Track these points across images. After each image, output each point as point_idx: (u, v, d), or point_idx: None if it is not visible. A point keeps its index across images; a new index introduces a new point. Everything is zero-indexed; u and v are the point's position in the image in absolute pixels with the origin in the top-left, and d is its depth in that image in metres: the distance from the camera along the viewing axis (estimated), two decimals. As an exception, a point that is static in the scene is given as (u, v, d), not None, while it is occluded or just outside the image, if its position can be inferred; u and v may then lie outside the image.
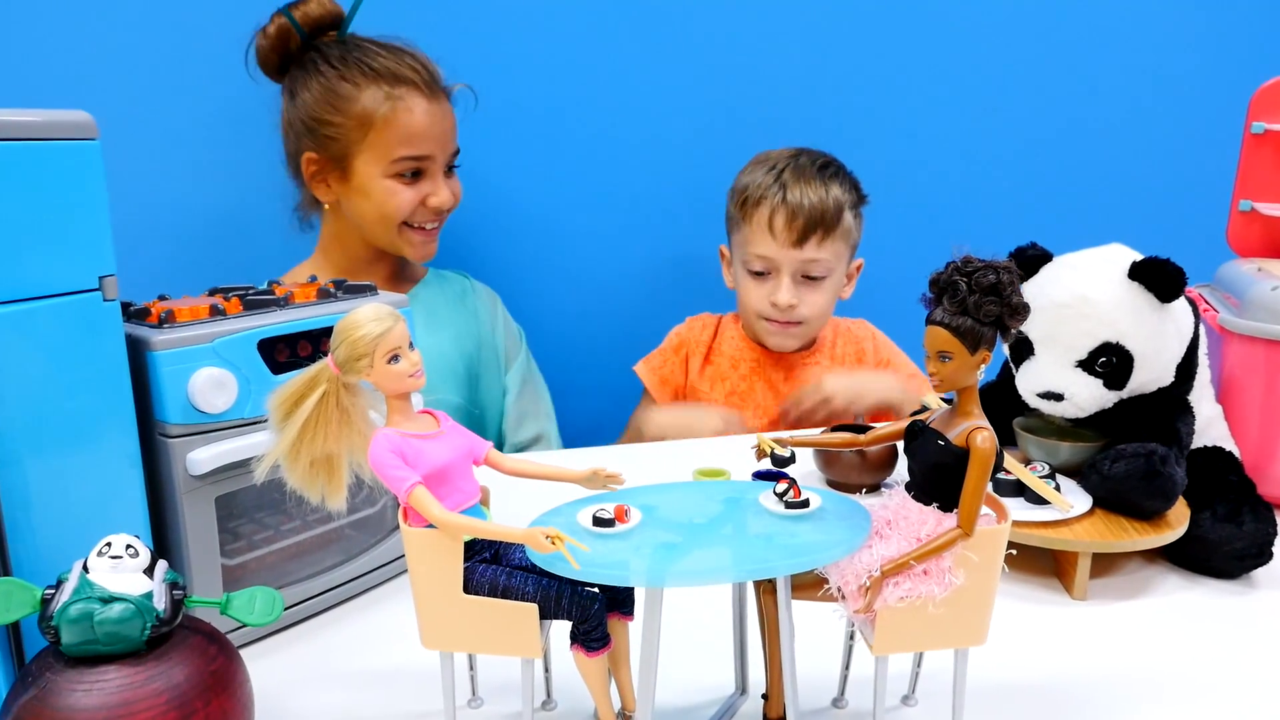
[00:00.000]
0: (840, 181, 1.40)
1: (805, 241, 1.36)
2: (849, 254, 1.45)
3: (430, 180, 1.34)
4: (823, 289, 1.41)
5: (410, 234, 1.36)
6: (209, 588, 0.71)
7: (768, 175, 1.40)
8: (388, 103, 1.28)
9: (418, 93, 1.30)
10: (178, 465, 0.68)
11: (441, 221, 1.39)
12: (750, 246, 1.40)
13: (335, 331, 0.57)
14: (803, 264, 1.38)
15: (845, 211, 1.39)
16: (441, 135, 1.33)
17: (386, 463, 0.55)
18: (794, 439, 0.63)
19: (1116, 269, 0.86)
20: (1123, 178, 1.73)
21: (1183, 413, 0.88)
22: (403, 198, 1.32)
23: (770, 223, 1.37)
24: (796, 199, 1.36)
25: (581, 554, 0.52)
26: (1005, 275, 0.55)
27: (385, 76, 1.28)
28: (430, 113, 1.31)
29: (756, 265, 1.40)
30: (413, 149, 1.30)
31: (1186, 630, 0.77)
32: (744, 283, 1.44)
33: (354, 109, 1.28)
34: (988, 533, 0.56)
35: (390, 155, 1.30)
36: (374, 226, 1.35)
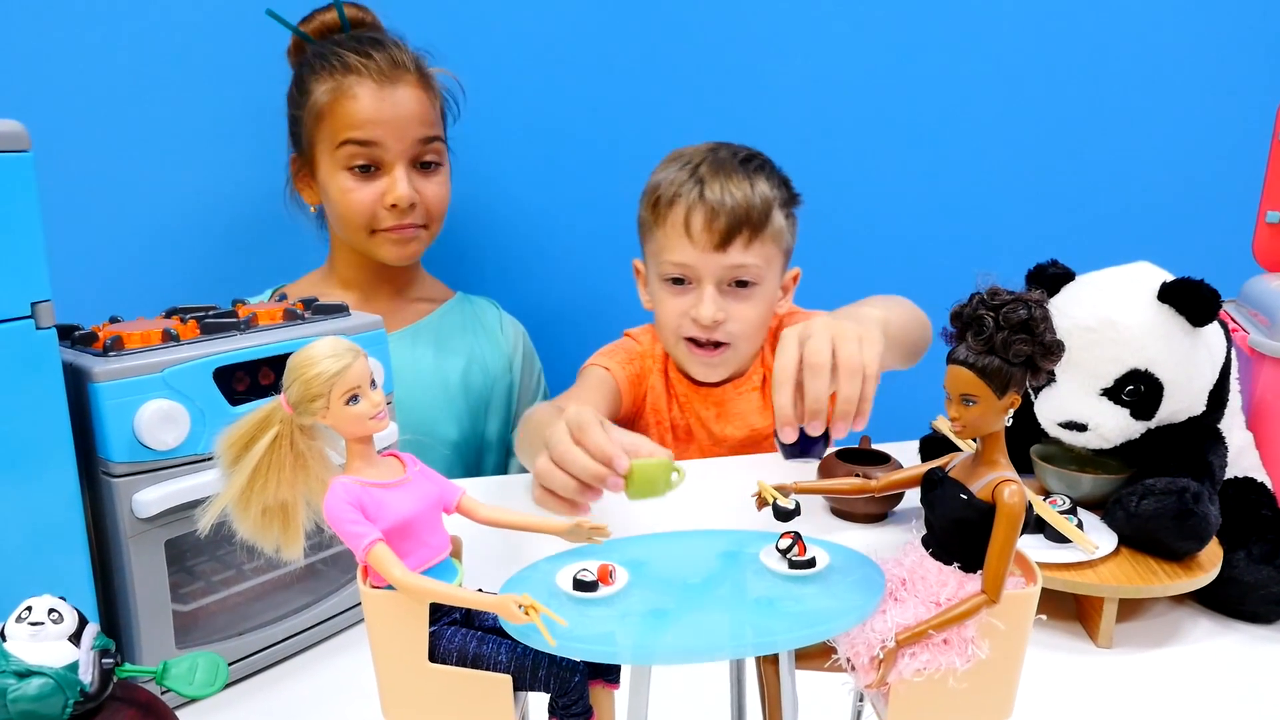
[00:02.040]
0: (767, 176, 1.21)
1: (729, 244, 1.17)
2: (782, 260, 1.25)
3: (388, 176, 1.26)
4: (753, 301, 1.21)
5: (380, 236, 1.28)
6: (158, 640, 0.65)
7: (682, 171, 1.20)
8: (332, 91, 1.23)
9: (366, 80, 1.23)
10: (122, 507, 0.62)
11: (418, 222, 1.29)
12: (665, 254, 1.20)
13: (288, 368, 0.51)
14: (727, 270, 1.18)
15: (774, 210, 1.20)
16: (394, 122, 1.24)
17: (342, 517, 0.49)
18: (798, 485, 0.57)
19: (1145, 290, 0.80)
20: (1145, 189, 1.66)
21: (1215, 444, 0.83)
22: (357, 196, 1.25)
23: (687, 224, 1.18)
24: (716, 196, 1.17)
25: (559, 628, 0.46)
26: (1038, 310, 0.49)
27: (338, 68, 1.24)
28: (379, 99, 1.23)
29: (673, 273, 1.21)
30: (356, 133, 1.23)
31: (1220, 680, 0.72)
32: (661, 297, 1.24)
33: (308, 102, 1.25)
34: (1016, 597, 0.50)
35: (335, 141, 1.24)
36: (344, 231, 1.30)
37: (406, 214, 1.27)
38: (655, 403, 1.29)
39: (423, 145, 1.27)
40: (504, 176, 1.48)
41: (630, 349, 1.31)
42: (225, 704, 0.69)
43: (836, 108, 1.58)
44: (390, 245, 1.29)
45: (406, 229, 1.28)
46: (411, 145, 1.26)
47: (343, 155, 1.24)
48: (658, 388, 1.30)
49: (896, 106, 1.58)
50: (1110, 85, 1.63)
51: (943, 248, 1.60)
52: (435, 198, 1.30)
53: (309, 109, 1.25)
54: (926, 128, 1.60)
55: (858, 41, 1.57)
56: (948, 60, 1.58)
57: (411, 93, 1.26)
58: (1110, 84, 1.63)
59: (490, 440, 1.42)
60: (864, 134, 1.59)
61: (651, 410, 1.30)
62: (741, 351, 1.24)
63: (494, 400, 1.41)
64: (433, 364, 1.36)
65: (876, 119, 1.59)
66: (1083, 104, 1.63)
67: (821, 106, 1.57)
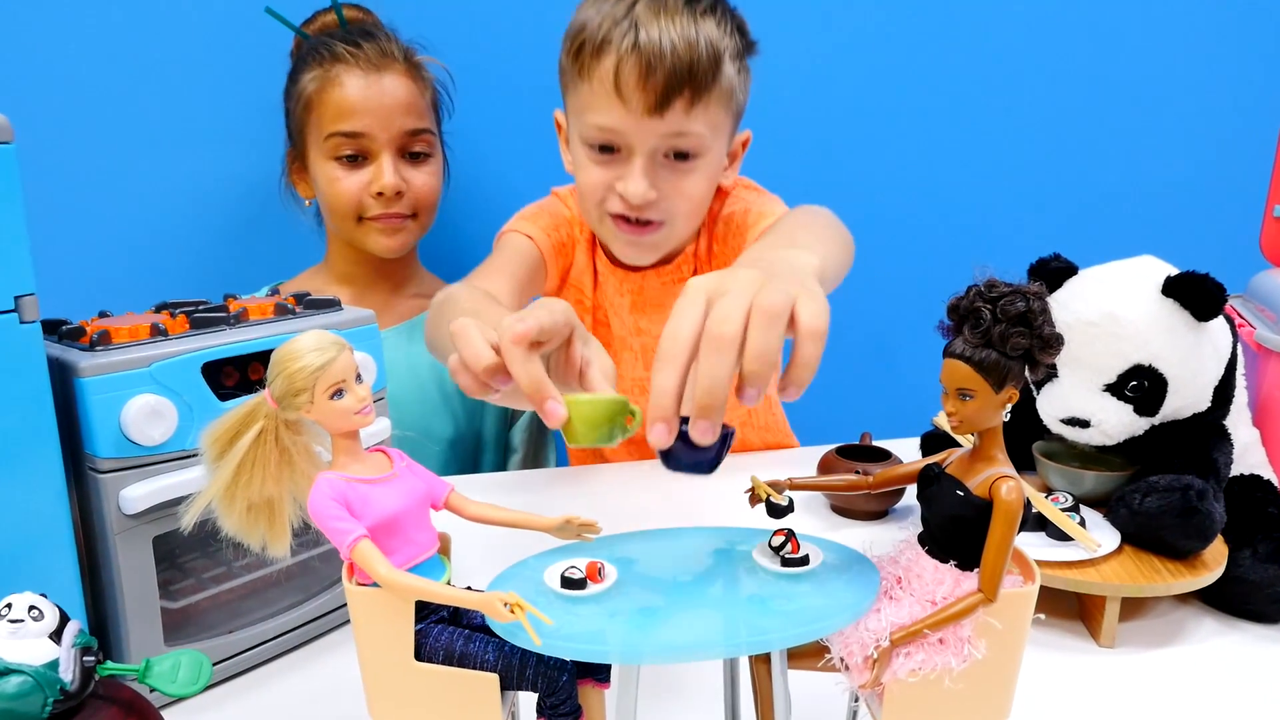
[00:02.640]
0: (717, 19, 0.98)
1: (667, 106, 0.96)
2: (731, 124, 1.05)
3: (374, 164, 1.24)
4: (693, 175, 1.01)
5: (367, 225, 1.28)
6: (146, 637, 0.64)
7: (615, 7, 0.97)
8: (318, 81, 1.23)
9: (353, 69, 1.22)
10: (109, 503, 0.62)
11: (405, 212, 1.27)
12: (589, 114, 0.99)
13: (272, 362, 0.50)
14: (664, 139, 0.98)
15: (725, 62, 0.98)
16: (381, 111, 1.23)
17: (327, 513, 0.49)
18: (793, 481, 0.56)
19: (1149, 284, 0.79)
20: (1151, 182, 1.65)
21: (1220, 440, 0.81)
22: (344, 184, 1.24)
23: (617, 80, 0.96)
24: (654, 41, 0.94)
25: (545, 627, 0.45)
26: (1036, 303, 0.48)
27: (326, 58, 1.24)
28: (365, 88, 1.22)
29: (598, 139, 1.00)
30: (342, 124, 1.22)
31: (1225, 680, 0.70)
32: (582, 163, 1.03)
33: (297, 92, 1.25)
34: (1013, 596, 0.49)
35: (323, 133, 1.23)
36: (334, 220, 1.29)
37: (393, 203, 1.26)
38: (579, 279, 1.15)
39: (410, 136, 1.26)
40: (503, 171, 1.47)
41: (556, 213, 1.15)
42: (214, 702, 0.68)
43: (837, 99, 1.56)
44: (378, 234, 1.28)
45: (394, 218, 1.27)
46: (398, 135, 1.25)
47: (330, 146, 1.23)
48: (581, 262, 1.15)
49: (899, 97, 1.57)
50: (1118, 78, 1.61)
51: (945, 241, 1.58)
52: (424, 188, 1.29)
53: (298, 99, 1.25)
54: (930, 119, 1.58)
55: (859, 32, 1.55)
56: (952, 50, 1.56)
57: (399, 81, 1.25)
58: (1118, 77, 1.61)
59: (487, 438, 1.40)
60: (865, 126, 1.57)
61: (574, 288, 1.16)
62: (677, 231, 1.06)
63: None
64: (428, 360, 1.35)
65: (878, 110, 1.57)
66: (1090, 97, 1.61)
67: (822, 98, 1.56)
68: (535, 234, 1.10)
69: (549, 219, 1.13)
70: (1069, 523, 0.77)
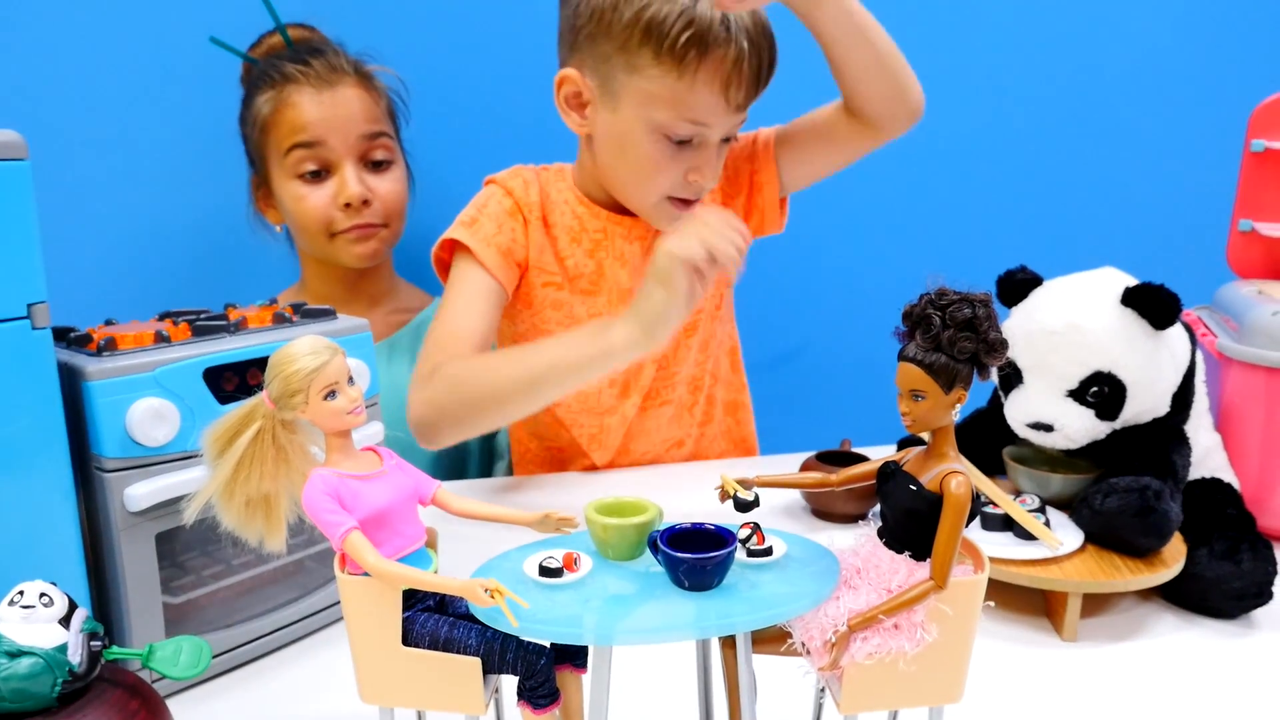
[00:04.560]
0: None
1: (754, 99, 0.99)
2: None
3: (337, 176, 1.25)
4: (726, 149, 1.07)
5: (339, 239, 1.28)
6: (148, 630, 0.67)
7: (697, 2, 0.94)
8: (271, 103, 1.24)
9: (305, 86, 1.24)
10: (114, 501, 0.65)
11: (375, 221, 1.28)
12: (682, 108, 0.97)
13: (269, 365, 0.54)
14: (736, 124, 1.02)
15: None
16: (336, 121, 1.24)
17: (320, 506, 0.52)
18: (760, 479, 0.59)
19: (1109, 295, 0.82)
20: (1118, 195, 1.69)
21: (1178, 444, 0.85)
22: (310, 201, 1.25)
23: (727, 82, 0.96)
24: (751, 36, 0.96)
25: (522, 610, 0.48)
26: (981, 309, 0.51)
27: (277, 80, 1.25)
28: (320, 103, 1.24)
29: (685, 133, 0.99)
30: (300, 136, 1.23)
31: (1182, 674, 0.73)
32: (649, 151, 1.01)
33: (251, 117, 1.27)
34: (963, 584, 0.52)
35: (282, 150, 1.24)
36: (305, 239, 1.30)
37: (361, 212, 1.26)
38: (538, 261, 1.12)
39: (369, 141, 1.26)
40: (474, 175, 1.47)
41: (496, 210, 1.11)
42: (214, 694, 0.71)
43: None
44: (350, 246, 1.28)
45: (365, 228, 1.27)
46: (357, 142, 1.25)
47: (291, 162, 1.24)
48: (538, 239, 1.12)
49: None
50: (1086, 93, 1.65)
51: (925, 252, 1.62)
52: (390, 194, 1.29)
53: (253, 123, 1.26)
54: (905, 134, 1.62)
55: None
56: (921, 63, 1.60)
57: (352, 92, 1.26)
58: (1086, 92, 1.65)
59: (471, 448, 1.41)
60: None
61: (536, 270, 1.13)
62: None
63: None
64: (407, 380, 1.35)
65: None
66: (1059, 111, 1.65)
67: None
68: (484, 255, 1.08)
69: (490, 224, 1.10)
70: (1033, 522, 0.80)
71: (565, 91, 1.06)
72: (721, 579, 0.52)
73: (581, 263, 1.13)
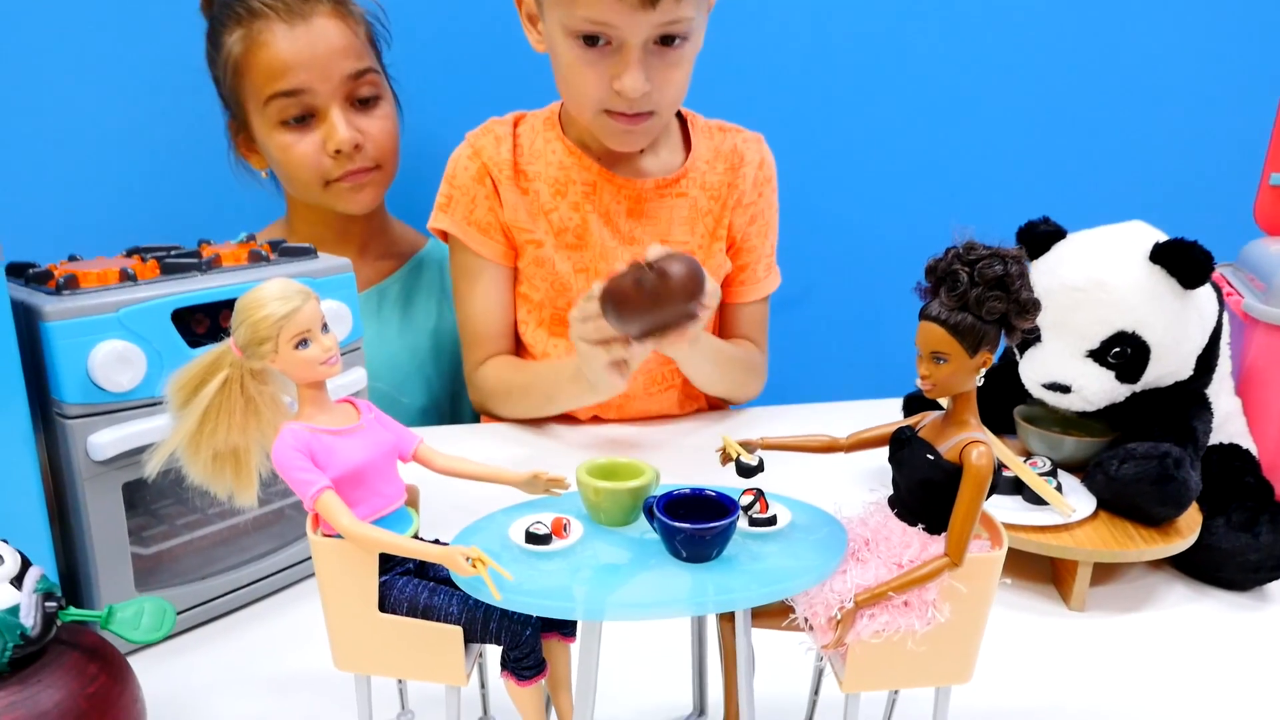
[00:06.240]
0: None
1: None
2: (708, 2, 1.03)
3: (325, 122, 1.15)
4: (682, 64, 1.01)
5: (334, 188, 1.20)
6: (117, 584, 0.64)
7: None
8: (242, 42, 1.14)
9: (275, 22, 1.12)
10: (77, 449, 0.61)
11: (368, 165, 1.19)
12: (578, 6, 0.95)
13: (235, 310, 0.49)
14: (656, 28, 0.96)
15: None
16: (316, 62, 1.13)
17: (291, 463, 0.48)
18: (764, 441, 0.55)
19: (1137, 250, 0.78)
20: (1144, 146, 1.62)
21: (1200, 409, 0.81)
22: (298, 151, 1.16)
23: None
24: None
25: (507, 581, 0.45)
26: (1014, 266, 0.47)
27: (244, 15, 1.14)
28: (294, 40, 1.12)
29: (586, 30, 0.96)
30: (279, 84, 1.12)
31: (1193, 646, 0.71)
32: (568, 60, 1.00)
33: (222, 59, 1.16)
34: (980, 561, 0.49)
35: (261, 98, 1.14)
36: (297, 190, 1.22)
37: (354, 158, 1.17)
38: (513, 219, 1.12)
39: (354, 81, 1.16)
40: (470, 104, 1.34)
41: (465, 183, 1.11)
42: (187, 649, 0.68)
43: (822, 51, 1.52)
44: (347, 195, 1.20)
45: (359, 174, 1.19)
46: (342, 83, 1.15)
47: (273, 111, 1.14)
48: (511, 199, 1.11)
49: (887, 52, 1.54)
50: (1116, 41, 1.58)
51: (933, 199, 1.56)
52: (381, 133, 1.20)
53: (225, 65, 1.16)
54: (918, 74, 1.55)
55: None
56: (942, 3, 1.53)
57: (328, 24, 1.14)
58: (1116, 40, 1.58)
59: (464, 400, 1.34)
60: (852, 79, 1.54)
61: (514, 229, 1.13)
62: (664, 119, 1.07)
63: None
64: (398, 330, 1.29)
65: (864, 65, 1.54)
66: (1087, 58, 1.58)
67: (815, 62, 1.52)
68: (470, 240, 1.12)
69: (464, 199, 1.11)
70: (1045, 487, 0.77)
71: (525, 7, 1.06)
72: (721, 550, 0.48)
73: (566, 216, 1.10)
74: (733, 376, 1.15)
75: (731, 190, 1.13)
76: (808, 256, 1.57)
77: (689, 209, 1.12)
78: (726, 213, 1.14)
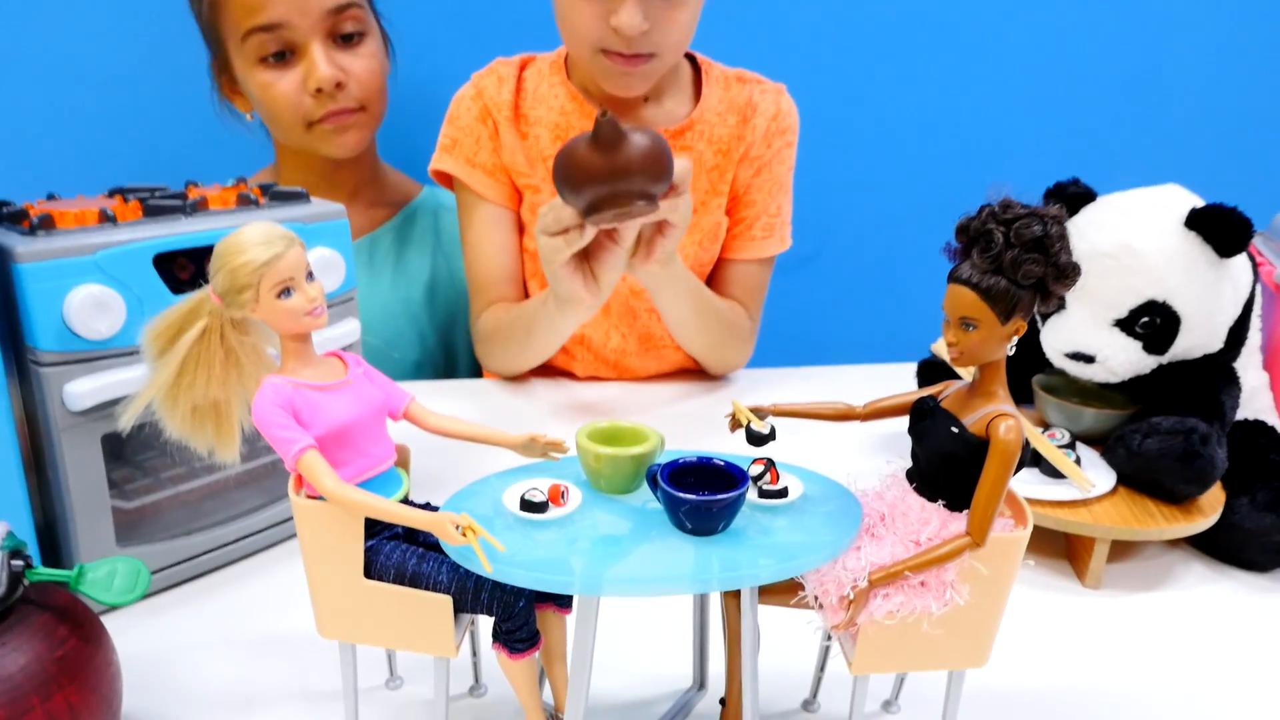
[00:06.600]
0: None
1: None
2: None
3: (305, 59, 1.09)
4: (686, 1, 0.96)
5: (318, 129, 1.14)
6: (96, 539, 0.62)
7: None
8: None
9: None
10: (53, 398, 0.58)
11: (351, 105, 1.13)
12: None
13: (214, 255, 0.46)
14: None
15: None
16: None
17: (272, 420, 0.45)
18: (776, 408, 0.52)
19: (1171, 215, 0.74)
20: (1175, 108, 1.56)
21: (1228, 383, 0.78)
22: (278, 89, 1.10)
23: None
24: None
25: (499, 553, 0.42)
26: (1054, 227, 0.44)
27: None
28: None
29: None
30: (256, 18, 1.06)
31: (1210, 627, 0.68)
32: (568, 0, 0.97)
33: None
34: (1003, 541, 0.46)
35: (239, 33, 1.09)
36: (280, 132, 1.17)
37: (336, 97, 1.10)
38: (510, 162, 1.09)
39: (336, 15, 1.09)
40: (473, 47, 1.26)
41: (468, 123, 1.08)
42: (167, 607, 0.66)
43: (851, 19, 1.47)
44: (331, 137, 1.14)
45: (342, 114, 1.13)
46: (322, 18, 1.08)
47: (251, 47, 1.08)
48: (510, 141, 1.07)
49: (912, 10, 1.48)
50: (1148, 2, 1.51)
51: (953, 155, 1.50)
52: (366, 72, 1.13)
53: (204, 2, 1.10)
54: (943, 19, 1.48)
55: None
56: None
57: None
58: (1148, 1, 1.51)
59: (459, 353, 1.31)
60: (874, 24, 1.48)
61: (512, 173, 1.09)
62: (666, 62, 1.01)
63: (462, 311, 1.28)
64: (391, 279, 1.24)
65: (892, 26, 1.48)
66: (1119, 17, 1.52)
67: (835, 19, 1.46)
68: (474, 182, 1.07)
69: (468, 140, 1.08)
70: (1064, 460, 0.74)
71: None
72: (729, 523, 0.46)
73: None
74: (711, 332, 1.07)
75: (739, 142, 1.08)
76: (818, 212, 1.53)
77: (693, 164, 1.06)
78: (731, 166, 1.08)
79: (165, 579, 0.67)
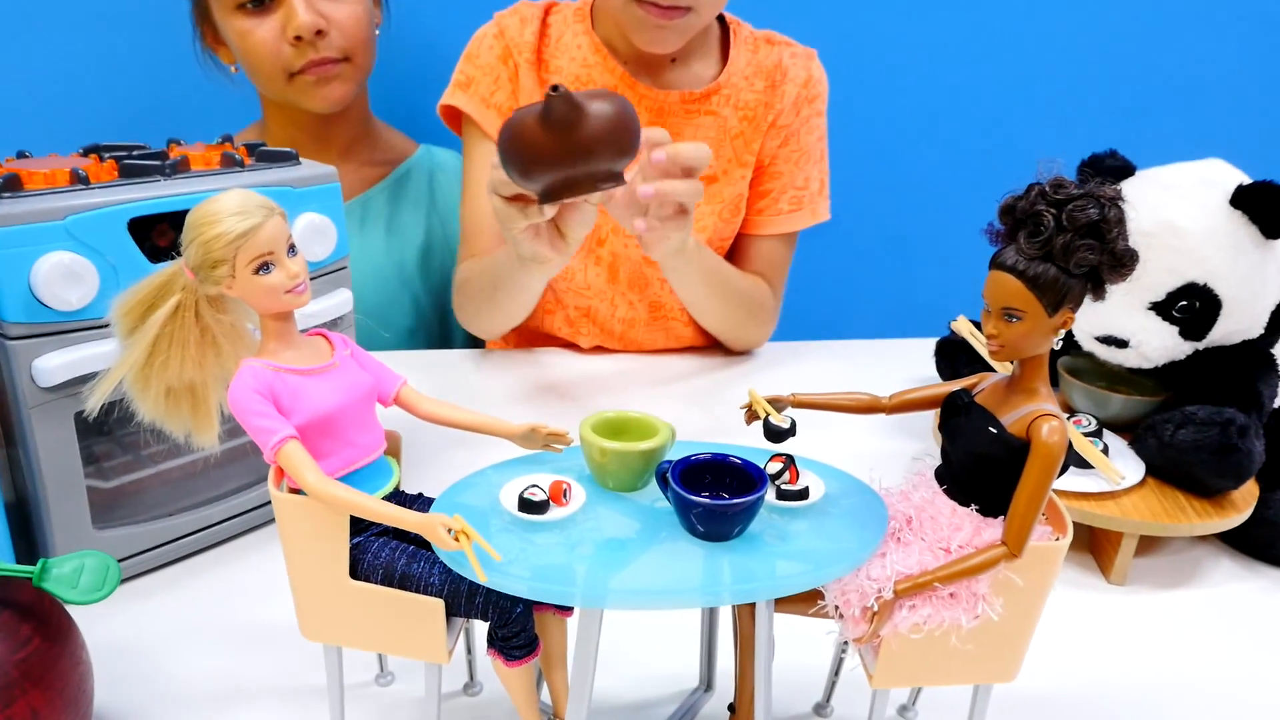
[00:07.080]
0: None
1: None
2: None
3: (283, 4, 1.02)
4: None
5: (299, 80, 1.08)
6: (71, 520, 0.58)
7: None
8: None
9: None
10: (21, 373, 0.54)
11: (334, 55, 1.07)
12: None
13: (186, 225, 0.42)
14: None
15: None
16: None
17: (249, 408, 0.41)
18: (796, 399, 0.48)
19: (1216, 193, 0.69)
20: (1219, 77, 1.49)
21: (1268, 372, 0.74)
22: (256, 37, 1.04)
23: None
24: None
25: (494, 560, 0.39)
26: (1112, 210, 0.40)
27: None
28: None
29: None
30: None
31: (1238, 626, 0.65)
32: None
33: None
34: (1041, 550, 0.42)
35: None
36: (261, 83, 1.11)
37: (317, 46, 1.04)
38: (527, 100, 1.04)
39: None
40: None
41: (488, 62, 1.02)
42: (145, 593, 0.63)
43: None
44: (312, 89, 1.08)
45: (324, 64, 1.07)
46: None
47: None
48: (529, 85, 1.02)
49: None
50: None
51: (979, 124, 1.44)
52: (350, 19, 1.06)
53: None
54: None
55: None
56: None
57: None
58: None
59: (455, 321, 1.24)
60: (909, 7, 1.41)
61: None
62: (702, 19, 0.95)
63: None
64: (384, 243, 1.19)
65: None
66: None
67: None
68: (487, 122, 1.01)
69: (486, 78, 1.02)
70: (1091, 449, 0.71)
71: None
72: (744, 529, 0.42)
73: None
74: (731, 310, 1.03)
75: (768, 110, 1.03)
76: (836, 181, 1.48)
77: (716, 130, 1.01)
78: (758, 135, 1.03)
79: (144, 563, 0.63)
